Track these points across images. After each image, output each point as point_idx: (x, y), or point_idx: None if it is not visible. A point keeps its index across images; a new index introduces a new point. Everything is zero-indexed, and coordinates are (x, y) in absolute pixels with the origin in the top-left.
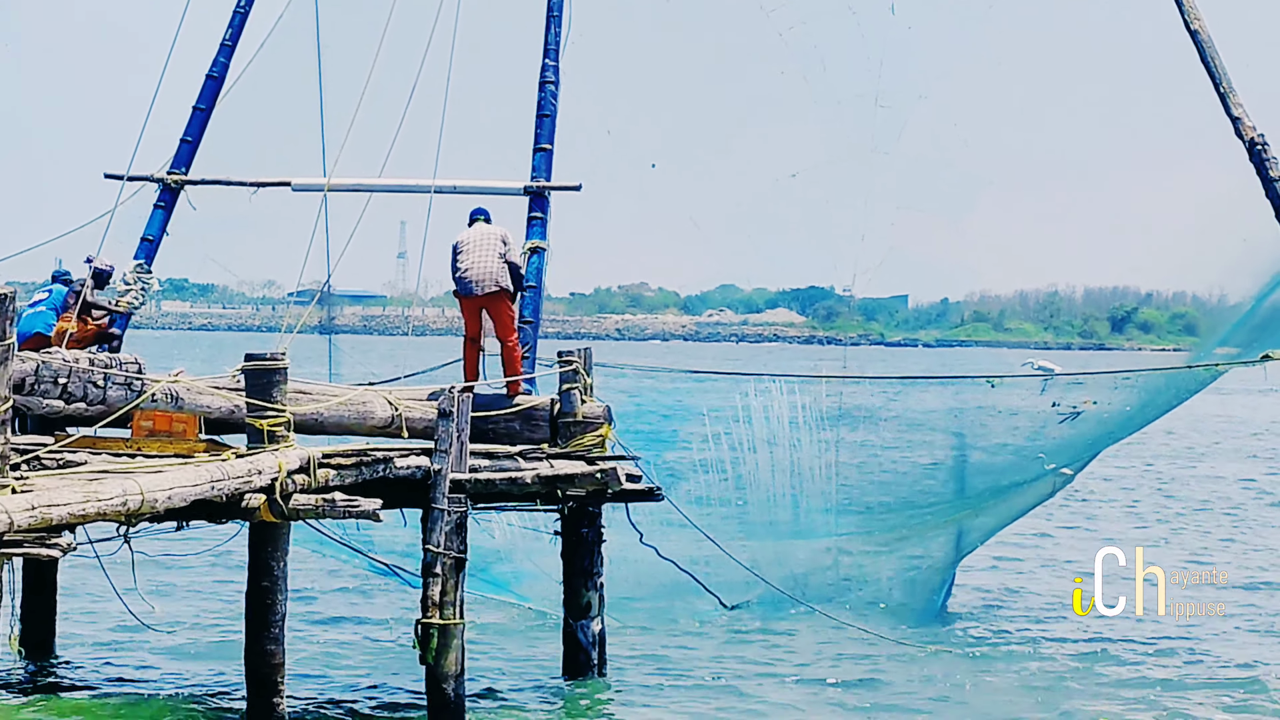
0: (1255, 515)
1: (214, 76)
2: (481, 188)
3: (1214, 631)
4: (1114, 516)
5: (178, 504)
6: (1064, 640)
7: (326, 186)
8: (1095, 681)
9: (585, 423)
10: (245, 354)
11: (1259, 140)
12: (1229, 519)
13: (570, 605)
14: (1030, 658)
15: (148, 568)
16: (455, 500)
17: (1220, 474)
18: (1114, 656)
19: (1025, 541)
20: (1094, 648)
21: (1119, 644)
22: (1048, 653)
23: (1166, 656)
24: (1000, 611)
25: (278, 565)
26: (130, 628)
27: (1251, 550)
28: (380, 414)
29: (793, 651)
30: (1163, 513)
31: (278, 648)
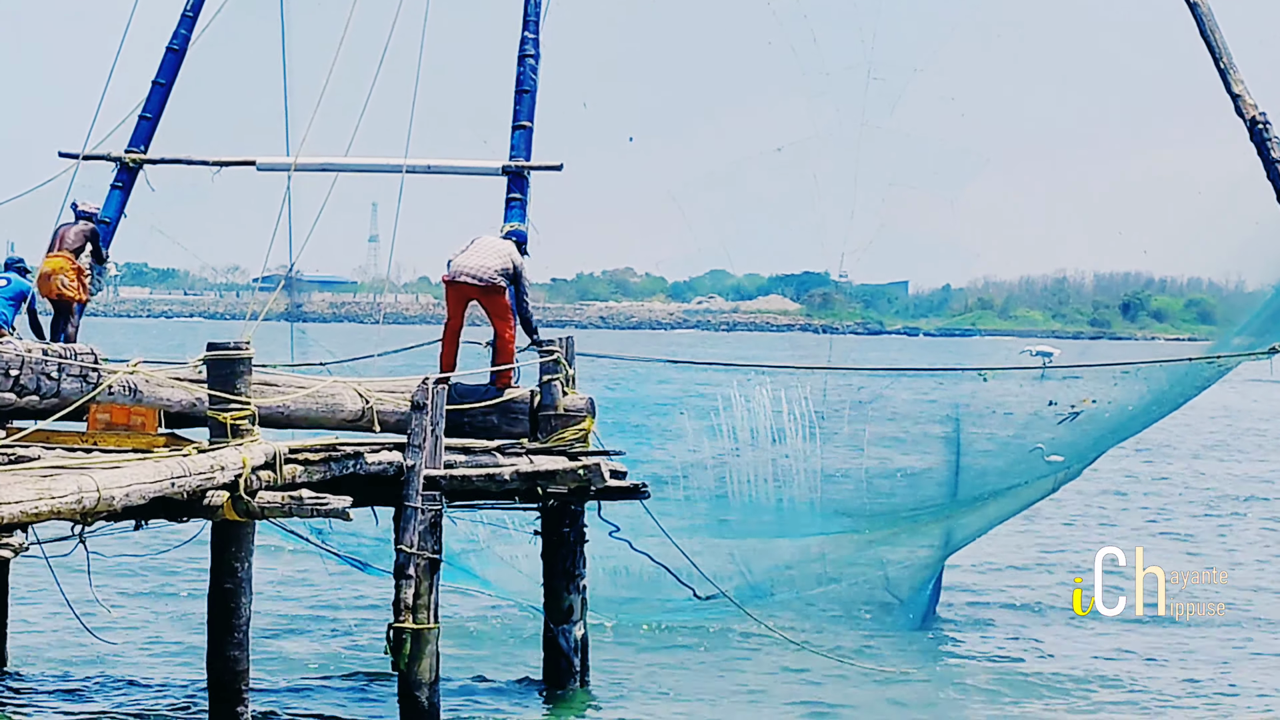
0: (1255, 515)
1: (174, 49)
2: (457, 167)
3: (1214, 631)
4: (1112, 515)
5: (136, 502)
6: (1064, 641)
7: (293, 166)
8: (1095, 682)
9: (567, 416)
10: (207, 343)
11: (1260, 119)
12: (1229, 519)
13: (551, 609)
14: (1030, 658)
15: (104, 569)
16: (429, 498)
17: (1220, 471)
18: (1114, 657)
19: (1026, 542)
20: (1094, 648)
21: (1119, 645)
22: (1048, 653)
23: (1166, 656)
24: (1000, 612)
25: (242, 566)
26: (86, 632)
27: (1248, 545)
28: (350, 407)
29: (779, 658)
30: (1161, 513)
31: (242, 654)
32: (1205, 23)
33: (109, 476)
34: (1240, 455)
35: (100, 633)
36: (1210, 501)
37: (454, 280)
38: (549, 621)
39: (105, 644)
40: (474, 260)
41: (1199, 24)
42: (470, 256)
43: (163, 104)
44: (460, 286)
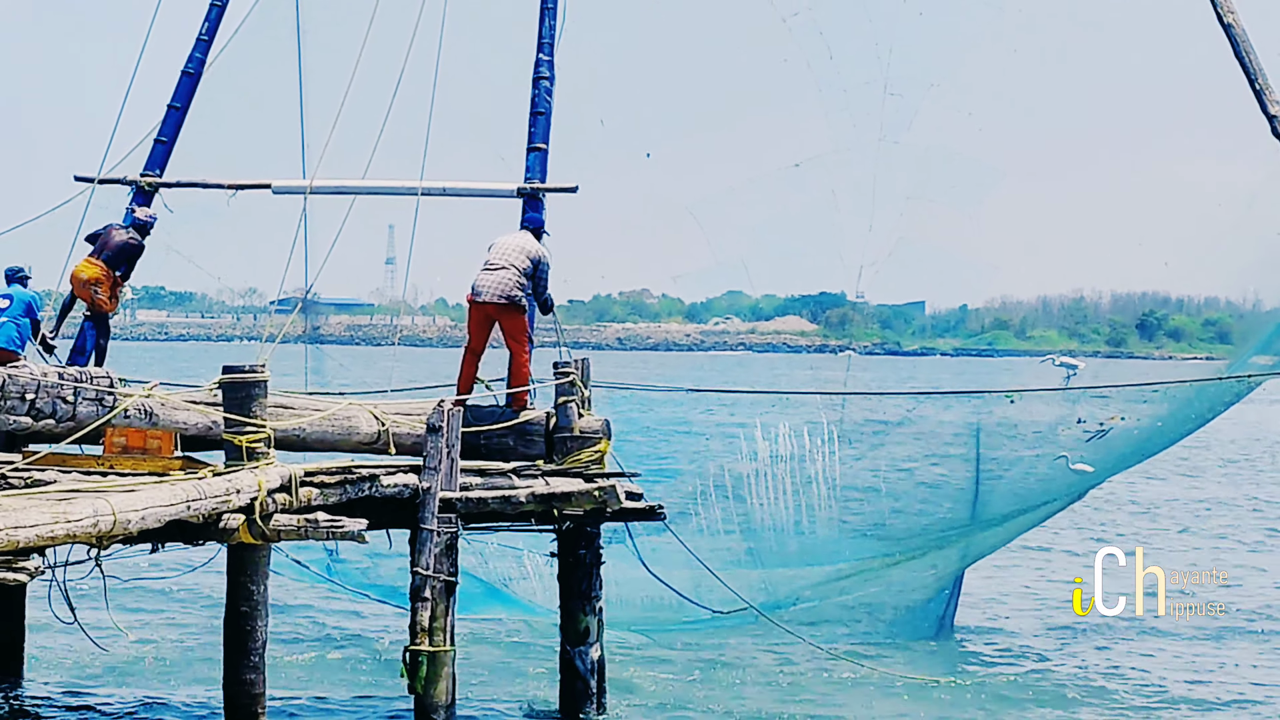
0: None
1: (189, 73)
2: (472, 190)
3: (1213, 632)
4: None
5: (152, 525)
6: (1063, 641)
7: (308, 189)
8: (1096, 684)
9: (583, 438)
10: (223, 366)
11: None
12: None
13: (567, 631)
14: (1032, 660)
15: (120, 591)
16: (445, 520)
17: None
18: (1114, 658)
19: (1025, 543)
20: (1093, 648)
21: (1119, 644)
22: (1047, 655)
23: (1166, 656)
24: (999, 614)
25: (257, 589)
26: (102, 655)
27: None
28: (366, 429)
29: (797, 681)
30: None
31: (258, 676)
32: (1240, 45)
33: (125, 500)
34: (1254, 470)
35: (116, 654)
36: (1216, 512)
37: (477, 300)
38: (565, 644)
39: (121, 665)
40: (495, 277)
41: (1234, 45)
42: (491, 274)
43: (178, 127)
44: (483, 306)
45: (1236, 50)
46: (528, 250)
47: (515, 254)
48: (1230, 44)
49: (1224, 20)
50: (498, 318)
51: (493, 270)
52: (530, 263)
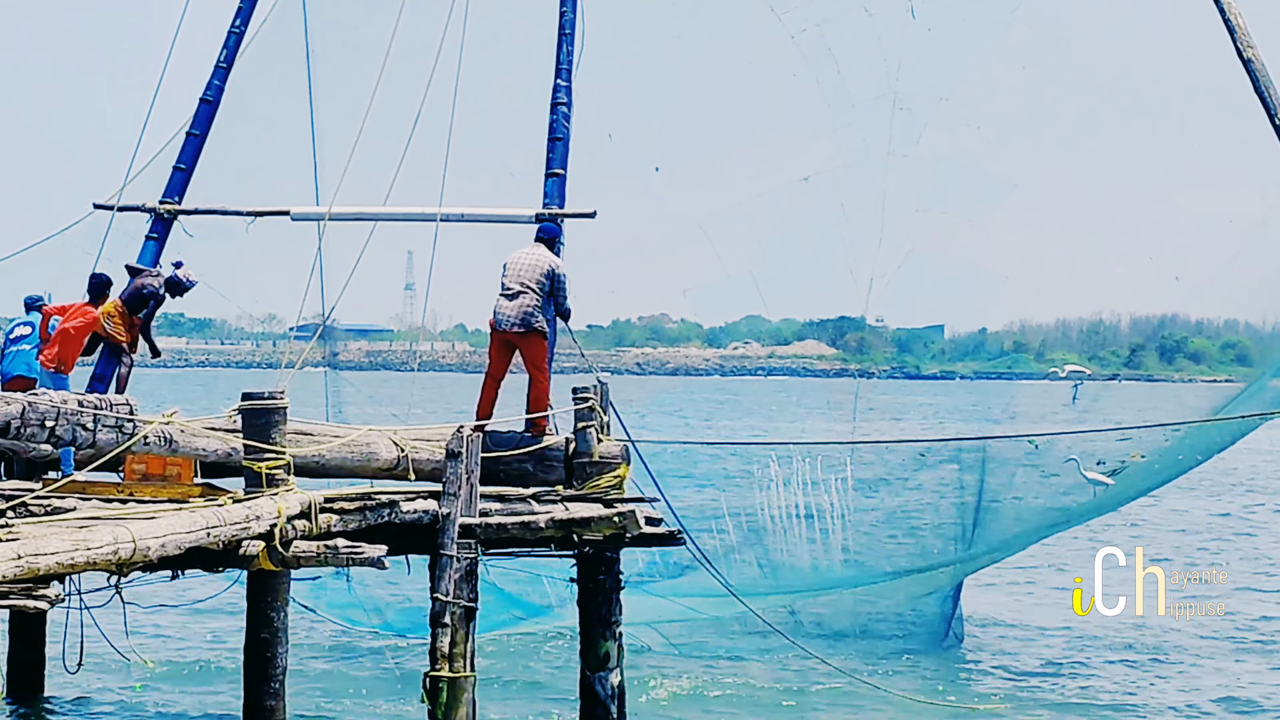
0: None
1: (208, 100)
2: (491, 215)
3: (1213, 632)
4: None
5: (171, 552)
6: (1064, 641)
7: (327, 215)
8: (1096, 684)
9: (602, 463)
10: (242, 393)
11: None
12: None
13: (587, 656)
14: (1032, 661)
15: (140, 618)
16: (465, 546)
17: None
18: (1114, 658)
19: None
20: (1094, 648)
21: (1119, 645)
22: (1049, 655)
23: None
24: (1001, 612)
25: (278, 616)
26: (122, 680)
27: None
28: (385, 455)
29: (816, 704)
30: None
31: (278, 703)
32: (1260, 79)
33: (144, 527)
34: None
35: (135, 680)
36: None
37: (497, 328)
38: (585, 669)
39: (141, 693)
40: (514, 304)
41: (1254, 80)
42: (510, 301)
43: (197, 154)
44: (504, 334)
45: (1256, 85)
46: (541, 267)
47: (531, 275)
48: (1250, 79)
49: (1244, 55)
50: (518, 344)
51: (511, 296)
52: (546, 279)
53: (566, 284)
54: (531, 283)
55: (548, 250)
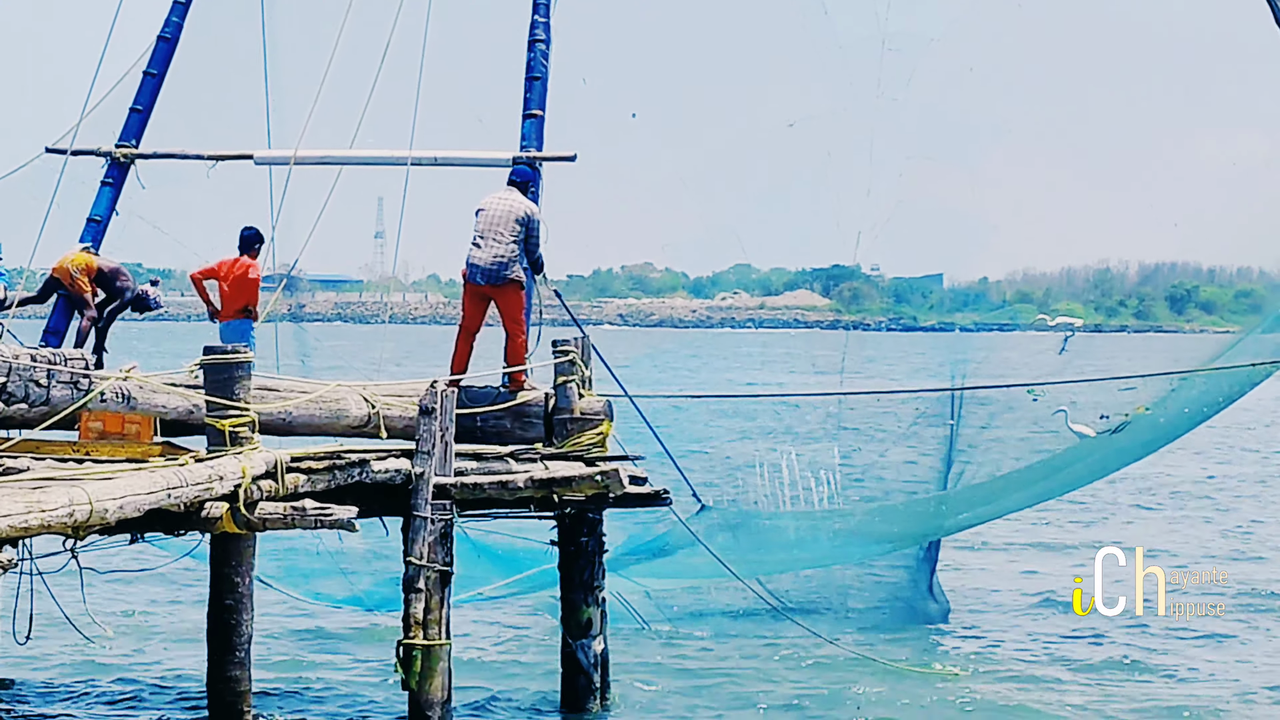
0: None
1: (166, 38)
2: (465, 159)
3: (1213, 632)
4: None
5: (130, 514)
6: (1063, 641)
7: (292, 159)
8: (1096, 685)
9: (583, 420)
10: (204, 347)
11: None
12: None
13: (569, 623)
14: (1031, 661)
15: (98, 584)
16: (439, 507)
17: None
18: (1114, 658)
19: (1026, 541)
20: (1094, 649)
21: (1118, 645)
22: (1048, 656)
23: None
24: (1001, 612)
25: (242, 581)
26: (79, 651)
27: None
28: (355, 412)
29: (802, 673)
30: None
31: (243, 673)
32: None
33: (102, 488)
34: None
35: (96, 651)
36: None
37: (471, 280)
38: (567, 636)
39: (100, 661)
40: (487, 254)
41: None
42: (484, 248)
43: (154, 95)
44: (478, 287)
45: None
46: (515, 213)
47: (504, 222)
48: (1272, 11)
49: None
50: (493, 297)
51: (485, 247)
52: (520, 226)
53: (540, 231)
54: (505, 230)
55: (522, 195)
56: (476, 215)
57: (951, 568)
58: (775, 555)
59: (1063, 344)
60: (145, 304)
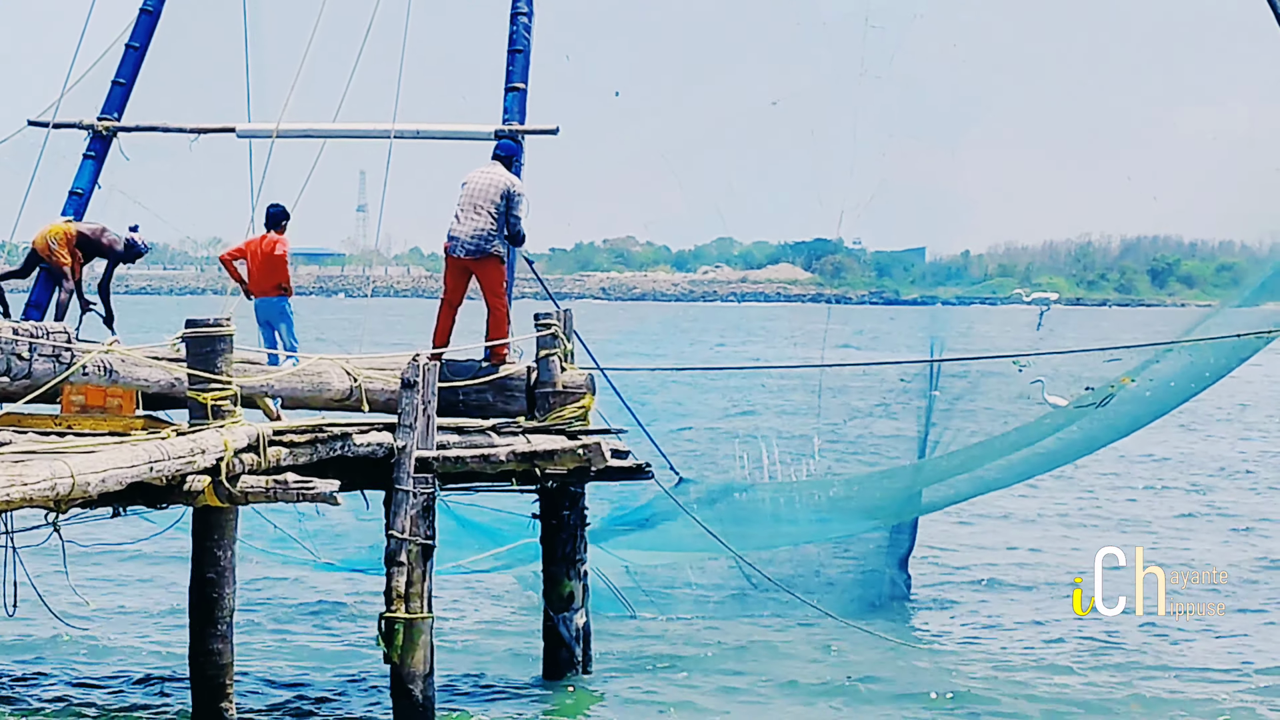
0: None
1: (148, 10)
2: (447, 132)
3: (1214, 632)
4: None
5: (112, 487)
6: (1063, 642)
7: (274, 132)
8: (1097, 686)
9: (565, 393)
10: (186, 320)
11: None
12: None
13: (551, 596)
14: (1030, 660)
15: (80, 558)
16: (421, 480)
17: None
18: (1114, 658)
19: (1026, 541)
20: (1094, 649)
21: (1119, 644)
22: (1048, 656)
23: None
24: (1001, 614)
25: (224, 555)
26: (60, 624)
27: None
28: (338, 385)
29: (787, 647)
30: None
31: (225, 646)
32: None
33: (84, 461)
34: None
35: (76, 624)
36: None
37: (452, 253)
38: (549, 610)
39: (81, 636)
40: (469, 228)
41: None
42: (464, 222)
43: (137, 68)
44: (459, 260)
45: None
46: (497, 187)
47: (485, 196)
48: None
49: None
50: (474, 270)
51: (466, 220)
52: (502, 199)
53: (522, 205)
54: (486, 204)
55: (505, 169)
56: (461, 189)
57: (950, 573)
58: (756, 530)
59: (1039, 319)
60: (135, 250)
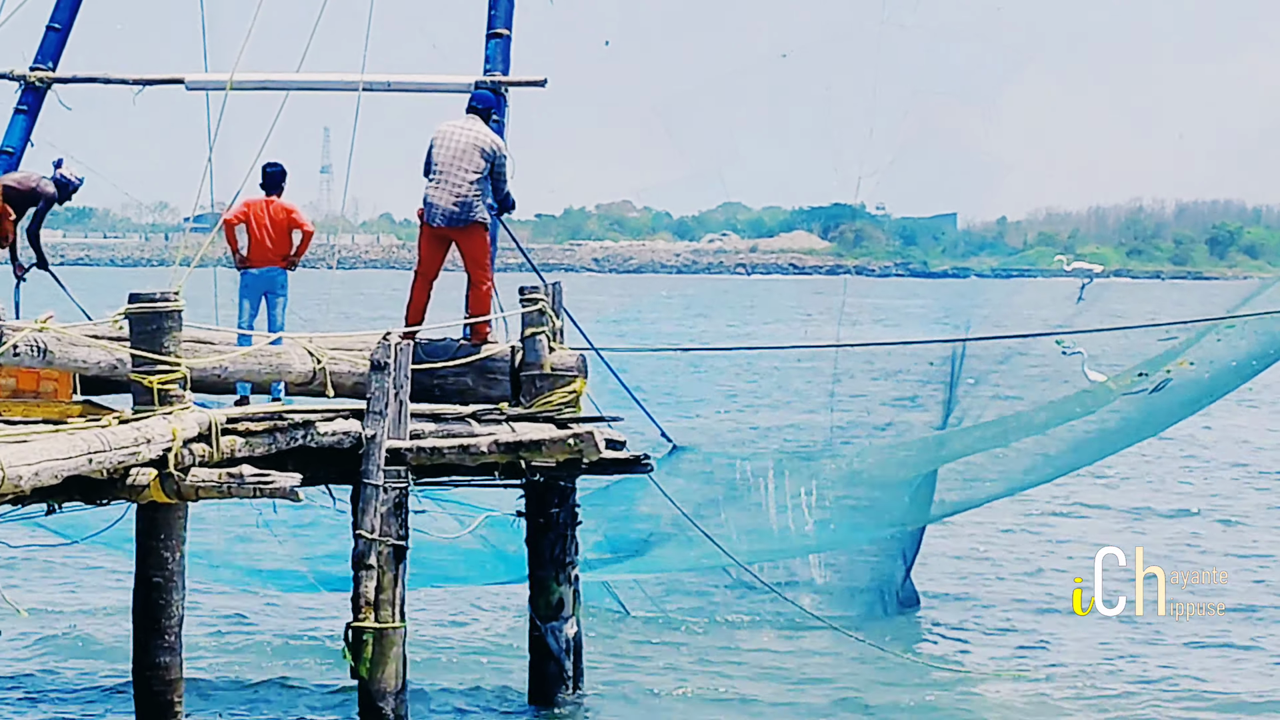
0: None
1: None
2: (422, 84)
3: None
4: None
5: (47, 482)
6: (1063, 642)
7: (229, 84)
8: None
9: (554, 376)
10: (129, 294)
11: None
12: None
13: (538, 604)
14: (1030, 660)
15: (10, 560)
16: (393, 474)
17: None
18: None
19: (1024, 541)
20: (1093, 649)
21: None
22: (1046, 657)
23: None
24: (999, 613)
25: (172, 556)
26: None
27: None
28: (299, 367)
29: (786, 663)
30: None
31: (174, 658)
32: None
33: (14, 452)
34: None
35: (8, 634)
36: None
37: (428, 220)
38: (535, 619)
39: (14, 647)
40: (447, 192)
41: None
42: (443, 186)
43: (74, 12)
44: (437, 228)
45: None
46: (480, 144)
47: (466, 156)
48: None
49: None
50: (454, 239)
51: (443, 183)
52: (484, 160)
53: (508, 166)
54: (467, 165)
55: (483, 124)
56: (431, 147)
57: (949, 572)
58: (762, 538)
59: (1080, 292)
60: (67, 188)
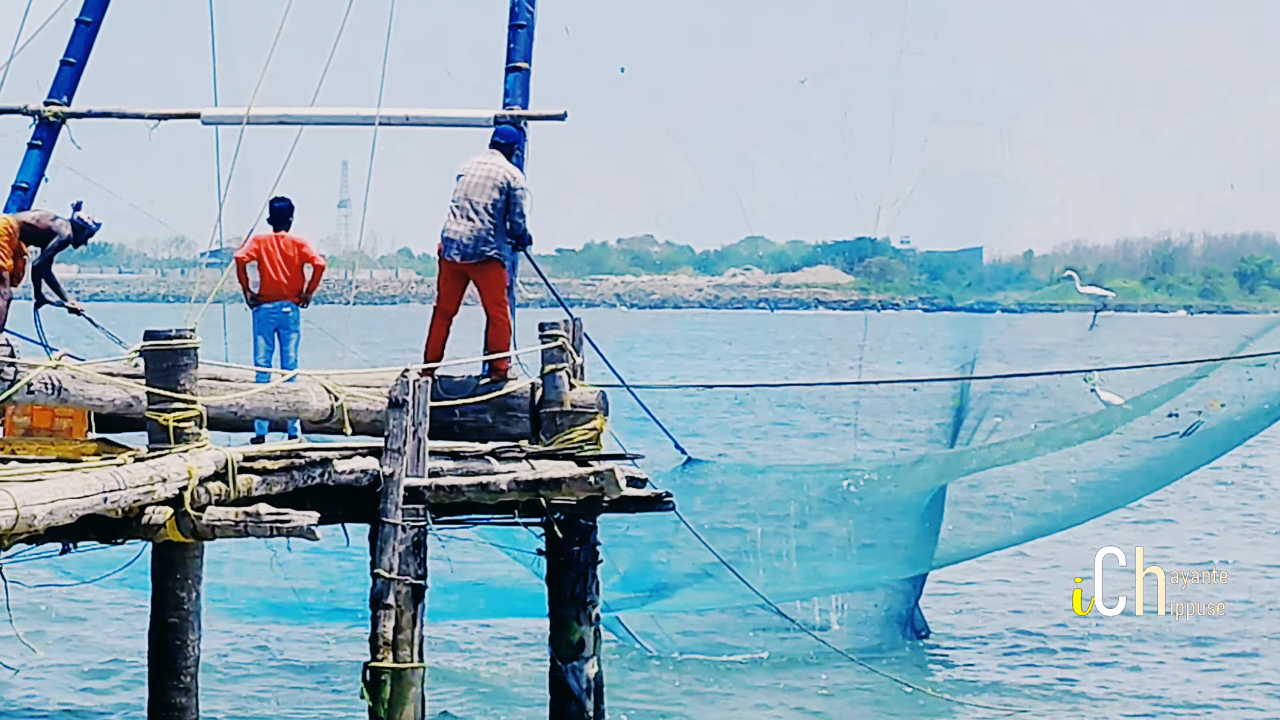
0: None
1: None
2: (440, 118)
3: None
4: None
5: (62, 521)
6: (1063, 642)
7: (245, 118)
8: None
9: (574, 413)
10: (145, 331)
11: None
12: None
13: (558, 643)
14: (1029, 660)
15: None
16: (411, 513)
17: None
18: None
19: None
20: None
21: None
22: (1047, 658)
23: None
24: (998, 613)
25: (189, 596)
26: (7, 675)
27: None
28: (316, 405)
29: (813, 703)
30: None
31: (189, 699)
32: None
33: (29, 491)
34: None
35: (23, 675)
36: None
37: (446, 256)
38: (555, 658)
39: (31, 687)
40: (465, 228)
41: None
42: (460, 220)
43: (89, 47)
44: (454, 264)
45: None
46: (496, 180)
47: (482, 191)
48: None
49: None
50: (471, 275)
51: (461, 219)
52: (500, 194)
53: (525, 201)
54: (484, 200)
55: (505, 159)
56: (456, 182)
57: (952, 576)
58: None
59: (1093, 319)
60: (84, 230)
